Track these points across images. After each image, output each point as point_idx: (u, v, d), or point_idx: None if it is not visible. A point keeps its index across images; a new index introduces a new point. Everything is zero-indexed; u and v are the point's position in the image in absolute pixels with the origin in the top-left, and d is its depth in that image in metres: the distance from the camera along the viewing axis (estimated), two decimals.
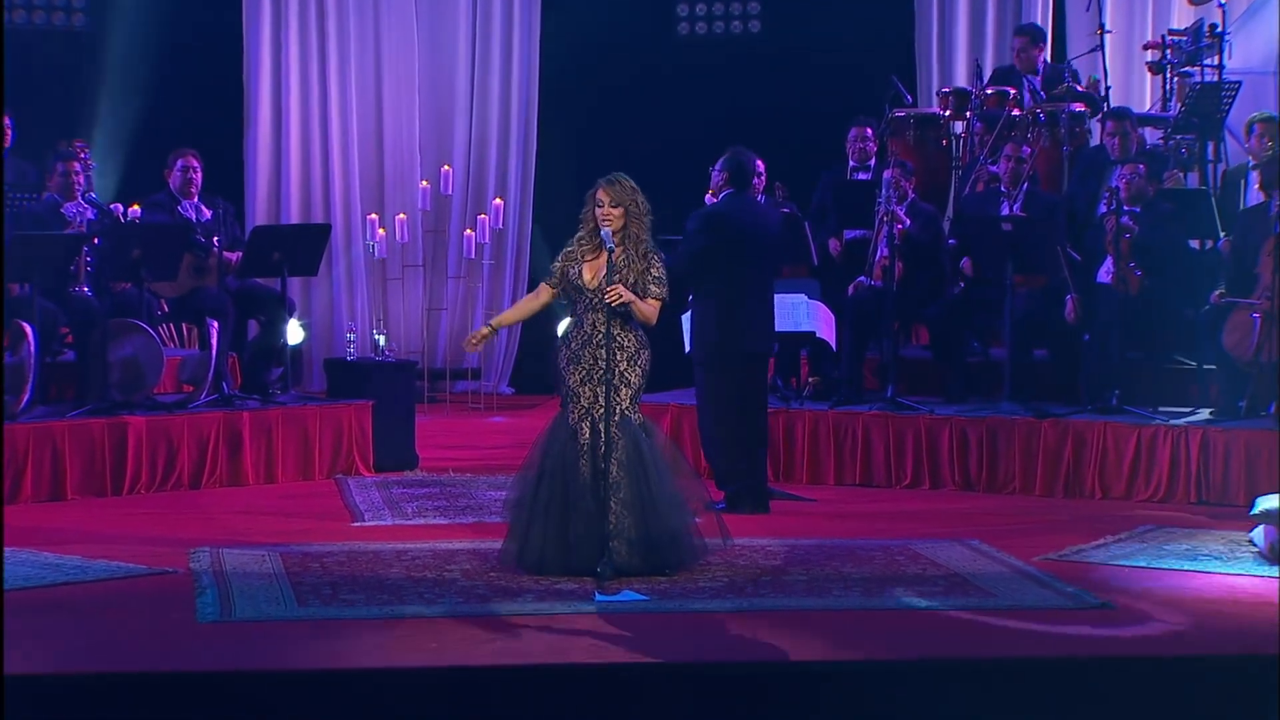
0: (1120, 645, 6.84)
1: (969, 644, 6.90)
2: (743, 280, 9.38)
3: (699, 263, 9.32)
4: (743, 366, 9.44)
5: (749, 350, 9.43)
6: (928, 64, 14.38)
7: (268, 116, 14.43)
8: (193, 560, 8.13)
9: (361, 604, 7.33)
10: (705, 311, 9.42)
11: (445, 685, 6.33)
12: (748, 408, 9.48)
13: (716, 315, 9.36)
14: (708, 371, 9.45)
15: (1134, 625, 7.13)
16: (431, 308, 14.55)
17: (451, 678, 6.37)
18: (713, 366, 9.43)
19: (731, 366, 9.40)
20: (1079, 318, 10.55)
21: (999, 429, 10.35)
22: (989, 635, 7.01)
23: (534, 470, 7.91)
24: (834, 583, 7.82)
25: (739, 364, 9.42)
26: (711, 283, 9.38)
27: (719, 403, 9.45)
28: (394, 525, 9.26)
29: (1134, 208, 10.64)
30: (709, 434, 9.57)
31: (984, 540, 8.73)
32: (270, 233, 11.86)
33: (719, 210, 9.51)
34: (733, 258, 9.36)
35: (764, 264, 9.53)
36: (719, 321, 9.35)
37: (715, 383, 9.45)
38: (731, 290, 9.36)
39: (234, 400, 10.64)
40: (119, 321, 10.38)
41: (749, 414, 9.49)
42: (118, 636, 6.81)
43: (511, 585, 7.65)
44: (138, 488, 10.13)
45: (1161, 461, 10.02)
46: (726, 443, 9.47)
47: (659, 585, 7.64)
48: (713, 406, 9.47)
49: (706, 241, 9.32)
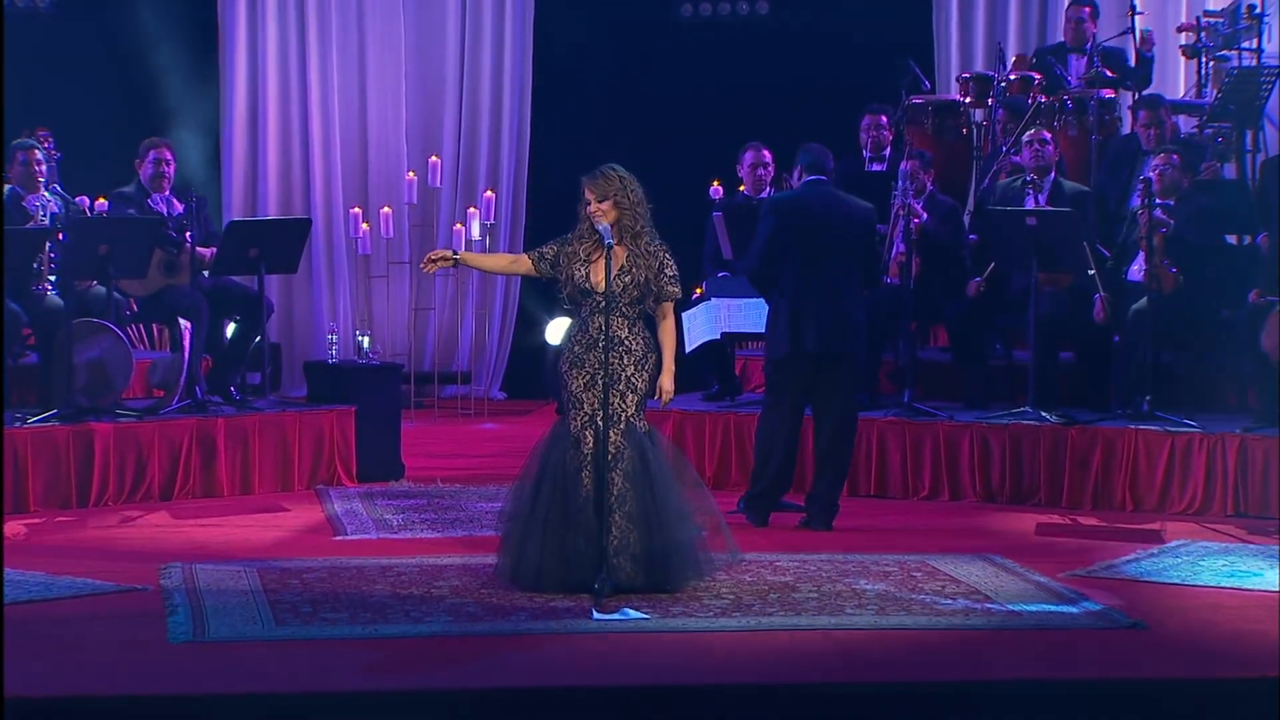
0: (1153, 667, 6.84)
1: (991, 666, 6.90)
2: (809, 272, 9.38)
3: (767, 252, 9.39)
4: (800, 366, 9.45)
5: (808, 349, 9.40)
6: (946, 47, 14.39)
7: (243, 103, 14.44)
8: (164, 577, 8.12)
9: (344, 623, 7.33)
10: (773, 308, 9.52)
11: (433, 710, 6.33)
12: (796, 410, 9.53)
13: (780, 312, 9.45)
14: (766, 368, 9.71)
15: (1167, 646, 7.13)
16: (418, 307, 14.55)
17: (440, 702, 6.37)
18: (767, 364, 9.63)
19: (791, 365, 9.44)
20: (1108, 318, 10.56)
21: (1023, 437, 10.34)
22: (1013, 657, 7.01)
23: (531, 480, 7.90)
24: (847, 600, 7.81)
25: (797, 363, 9.43)
26: (783, 274, 9.44)
27: (775, 398, 9.58)
28: (378, 539, 9.26)
29: (1167, 201, 10.64)
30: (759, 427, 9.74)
31: (1007, 555, 8.73)
32: (246, 228, 11.85)
33: (788, 195, 9.62)
34: (801, 247, 9.39)
35: (841, 258, 9.48)
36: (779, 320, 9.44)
37: (774, 381, 9.59)
38: (793, 282, 9.40)
39: (208, 406, 10.64)
40: (85, 322, 10.38)
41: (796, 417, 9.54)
42: (84, 658, 6.81)
43: (504, 603, 7.65)
44: (105, 499, 10.12)
45: (1196, 472, 10.02)
46: (768, 440, 9.57)
47: (660, 603, 7.64)
48: (774, 400, 9.60)
49: (768, 234, 9.40)
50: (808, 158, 9.63)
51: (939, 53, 14.40)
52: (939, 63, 14.33)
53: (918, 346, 11.44)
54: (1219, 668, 6.85)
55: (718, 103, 14.35)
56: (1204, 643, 7.14)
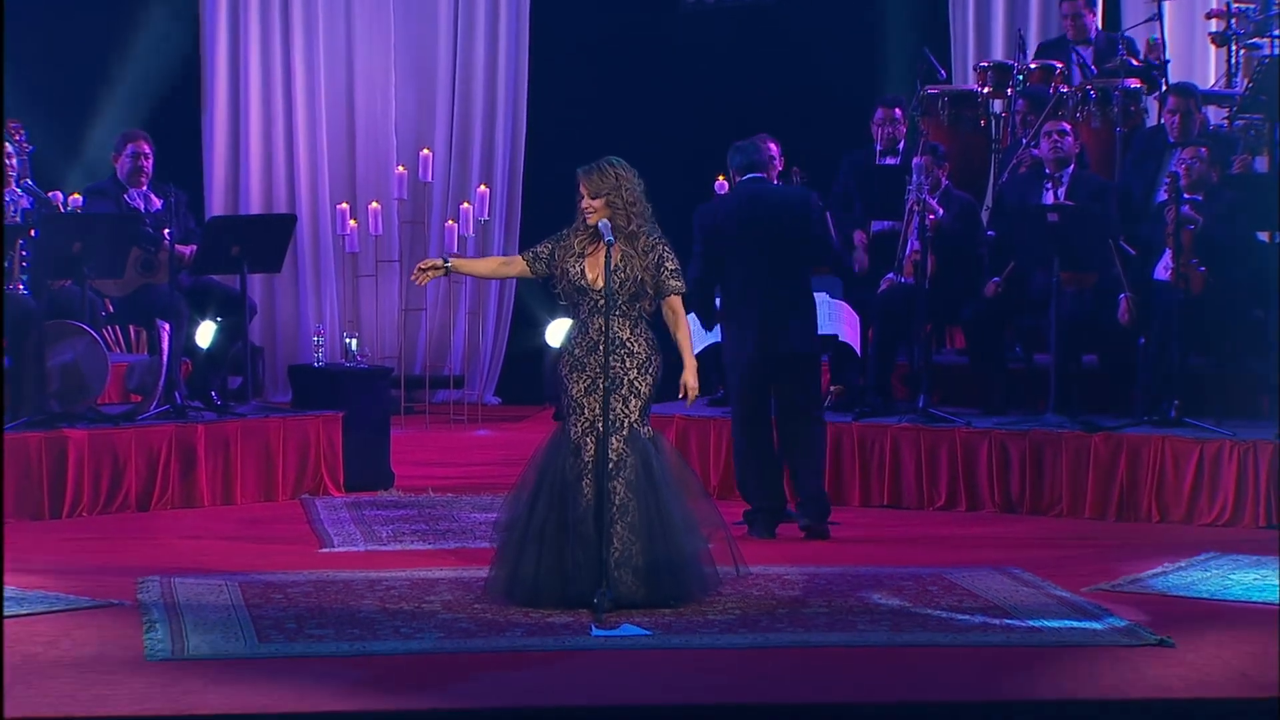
0: (1181, 687, 6.83)
1: (1010, 685, 6.89)
2: (745, 275, 9.43)
3: (701, 263, 9.44)
4: (746, 374, 9.52)
5: (749, 356, 9.45)
6: (963, 35, 14.39)
7: (225, 94, 14.45)
8: (141, 591, 8.12)
9: (330, 640, 7.33)
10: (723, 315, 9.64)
11: None
12: (754, 420, 9.57)
13: (724, 318, 9.58)
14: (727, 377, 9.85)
15: (1196, 664, 7.12)
16: (409, 308, 14.56)
17: None
18: (725, 372, 9.78)
19: (738, 374, 9.56)
20: (1134, 319, 10.55)
21: (1044, 444, 10.35)
22: (1032, 675, 7.00)
23: (528, 490, 7.90)
24: (859, 616, 7.81)
25: (742, 371, 9.52)
26: (723, 281, 9.54)
27: (734, 411, 9.69)
28: (367, 551, 9.27)
29: (1195, 196, 10.65)
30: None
31: (1027, 569, 8.73)
32: (228, 224, 11.88)
33: (711, 202, 9.74)
34: (732, 252, 9.43)
35: (774, 254, 9.50)
36: (725, 325, 9.57)
37: (729, 390, 9.78)
38: (731, 288, 9.49)
39: (187, 412, 10.64)
40: (58, 323, 10.38)
41: (756, 427, 9.57)
42: (57, 677, 6.80)
43: (499, 619, 7.65)
44: (79, 510, 10.13)
45: (1227, 481, 10.01)
46: (739, 456, 9.68)
47: (663, 619, 7.63)
48: (734, 413, 9.71)
49: (700, 238, 9.47)
50: (740, 158, 9.63)
51: (955, 40, 14.41)
52: (955, 51, 14.34)
53: (933, 349, 11.43)
54: (1251, 688, 6.83)
55: (722, 93, 14.35)
56: (1235, 661, 7.13)
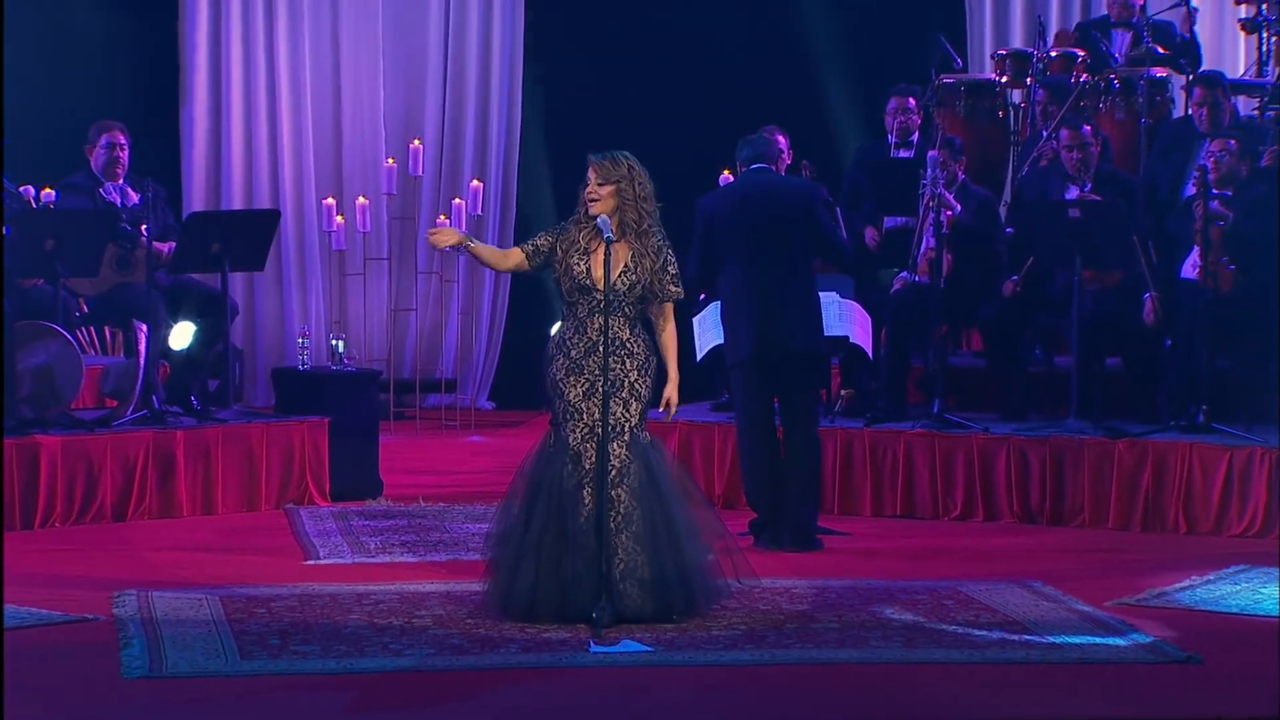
0: (1208, 705, 6.83)
1: (1029, 703, 6.90)
2: (742, 269, 9.45)
3: (699, 255, 9.48)
4: (746, 375, 9.54)
5: (748, 356, 9.46)
6: (980, 21, 14.41)
7: (205, 82, 14.45)
8: (117, 605, 8.12)
9: (315, 657, 7.33)
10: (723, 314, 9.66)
11: None
12: (758, 424, 9.59)
13: (722, 316, 9.61)
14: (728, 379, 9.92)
15: (1224, 682, 7.12)
16: (398, 308, 14.56)
17: None
18: (727, 374, 9.84)
19: (738, 376, 9.59)
20: (1159, 319, 10.56)
21: (1065, 451, 10.35)
22: (1053, 693, 7.00)
23: (522, 499, 7.89)
24: (871, 632, 7.82)
25: (742, 372, 9.55)
26: (722, 276, 9.58)
27: (737, 415, 9.73)
28: (354, 564, 9.27)
29: (1225, 190, 10.65)
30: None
31: (1047, 582, 8.73)
32: (208, 220, 11.87)
33: (711, 194, 9.74)
34: (729, 243, 9.45)
35: (774, 247, 9.51)
36: (724, 324, 9.60)
37: (731, 393, 9.87)
38: (728, 283, 9.52)
39: (165, 417, 10.64)
40: (30, 324, 10.38)
41: (759, 432, 9.59)
42: (29, 695, 6.80)
43: (492, 634, 7.65)
44: (52, 520, 10.13)
45: (1257, 490, 10.01)
46: (744, 462, 9.70)
47: (665, 634, 7.63)
48: (737, 418, 9.76)
49: (700, 232, 9.49)
50: (748, 150, 9.70)
51: (971, 27, 14.42)
52: (972, 38, 14.36)
53: (949, 351, 11.44)
54: None
55: (728, 84, 14.35)
56: (1265, 679, 7.13)
